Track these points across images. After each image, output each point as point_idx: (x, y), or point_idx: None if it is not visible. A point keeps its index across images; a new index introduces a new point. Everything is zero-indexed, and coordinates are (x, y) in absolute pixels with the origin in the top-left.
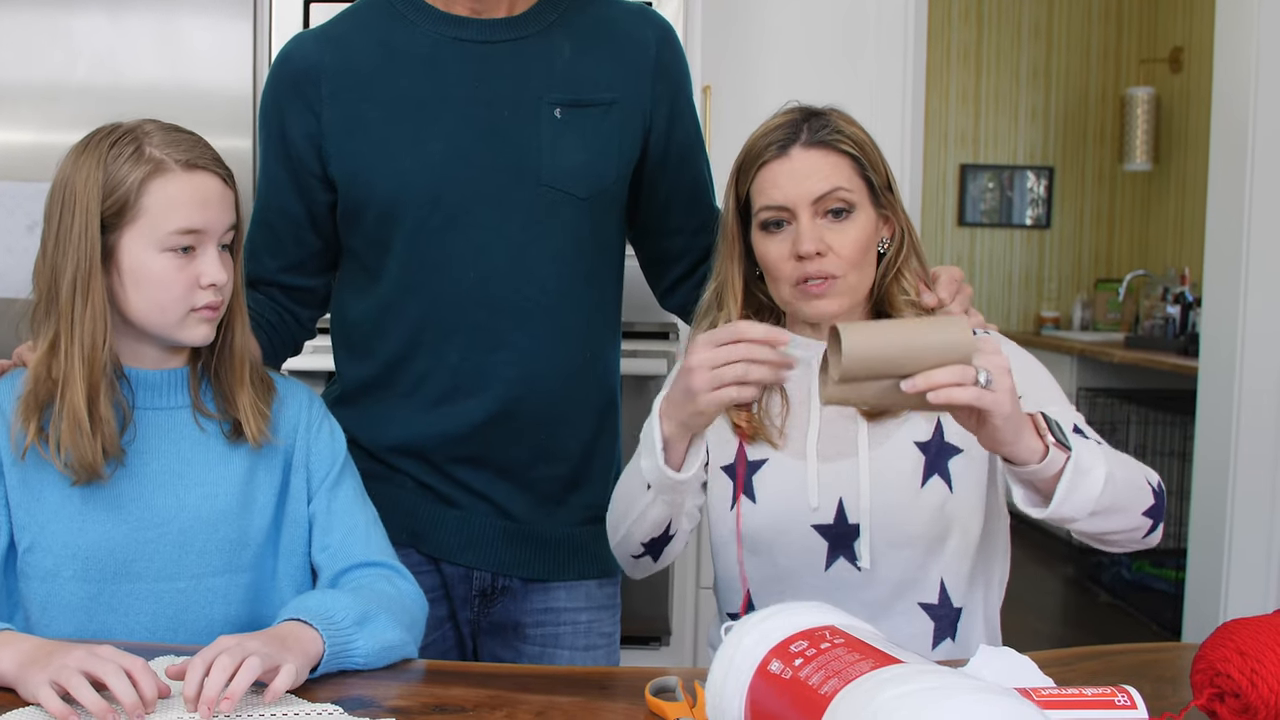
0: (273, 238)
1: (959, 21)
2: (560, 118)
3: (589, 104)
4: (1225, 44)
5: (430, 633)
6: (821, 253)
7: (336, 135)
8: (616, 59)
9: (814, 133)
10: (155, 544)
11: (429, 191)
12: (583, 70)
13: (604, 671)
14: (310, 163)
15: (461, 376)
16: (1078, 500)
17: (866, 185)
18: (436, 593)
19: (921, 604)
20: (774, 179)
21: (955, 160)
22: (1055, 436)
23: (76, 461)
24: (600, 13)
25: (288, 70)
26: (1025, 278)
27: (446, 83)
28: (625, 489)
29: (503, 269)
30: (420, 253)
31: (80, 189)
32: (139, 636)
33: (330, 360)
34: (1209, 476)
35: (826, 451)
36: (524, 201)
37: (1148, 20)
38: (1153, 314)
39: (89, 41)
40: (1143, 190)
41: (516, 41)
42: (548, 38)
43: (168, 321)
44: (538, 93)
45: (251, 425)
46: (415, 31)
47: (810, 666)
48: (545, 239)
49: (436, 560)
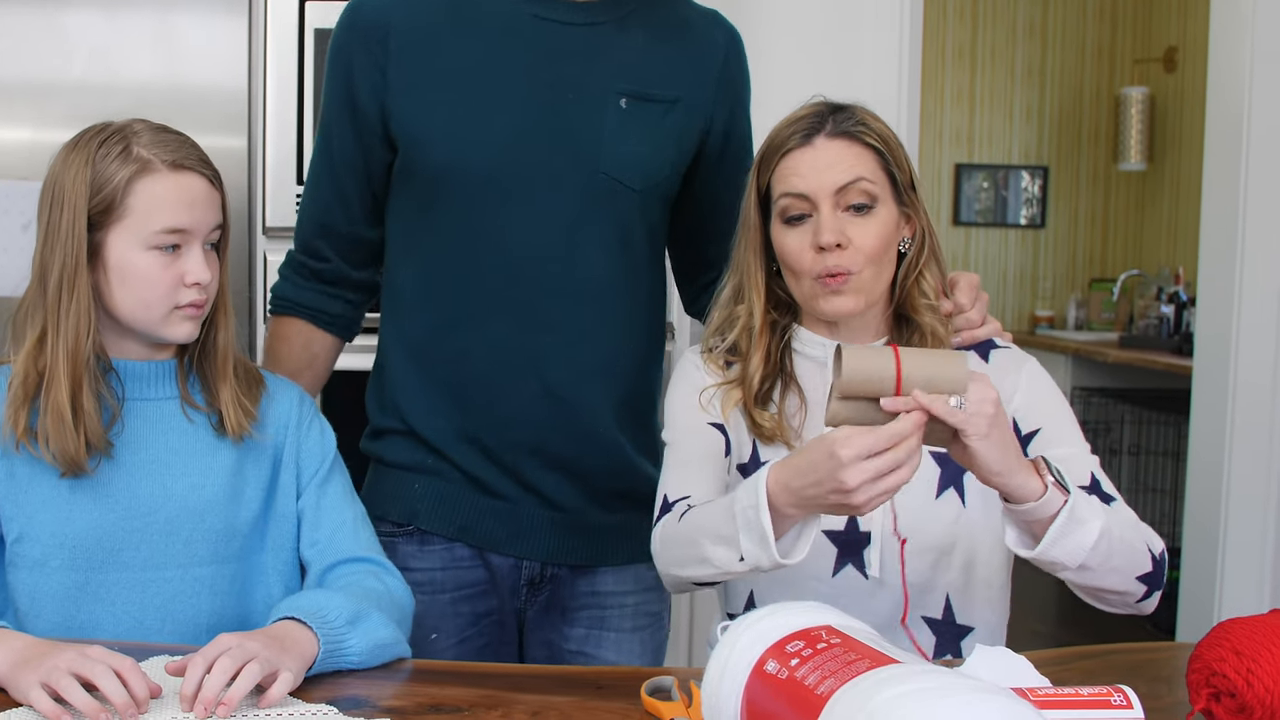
0: (338, 192)
1: (954, 20)
2: (625, 108)
3: (654, 99)
4: (1220, 44)
5: (467, 628)
6: (842, 244)
7: (399, 93)
8: (686, 58)
9: (839, 124)
10: (142, 532)
11: (486, 164)
12: (652, 65)
13: (599, 671)
14: (373, 119)
15: (505, 354)
16: (1069, 546)
17: (889, 181)
18: (481, 587)
19: (925, 618)
20: (796, 167)
21: (950, 159)
22: (1055, 479)
23: (61, 454)
24: (675, 12)
25: (356, 22)
26: (1020, 277)
27: (517, 57)
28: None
29: (553, 250)
30: (469, 223)
31: (69, 187)
32: (126, 627)
33: None
34: (1203, 476)
35: None
36: (579, 186)
37: (1142, 20)
38: (1147, 313)
39: (84, 39)
40: (1137, 190)
41: (592, 26)
42: (622, 28)
43: (152, 318)
44: (606, 81)
45: (232, 419)
46: (490, 1)
47: (806, 666)
48: (597, 225)
49: (484, 553)
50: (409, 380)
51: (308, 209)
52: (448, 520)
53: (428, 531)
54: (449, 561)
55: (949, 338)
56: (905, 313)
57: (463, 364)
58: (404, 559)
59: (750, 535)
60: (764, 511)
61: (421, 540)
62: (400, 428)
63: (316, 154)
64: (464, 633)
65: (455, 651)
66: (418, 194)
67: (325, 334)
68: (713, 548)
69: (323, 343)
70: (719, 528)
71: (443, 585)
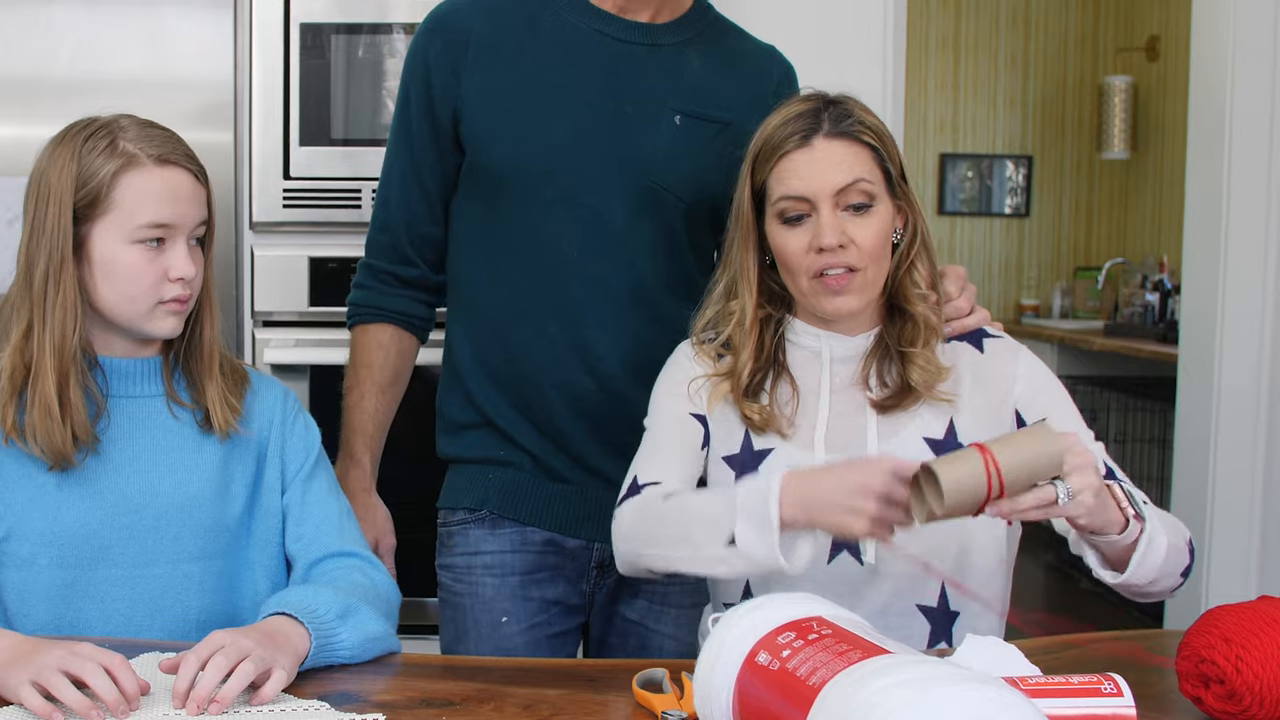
0: (423, 196)
1: (937, 9)
2: (679, 125)
3: (708, 119)
4: (1202, 32)
5: (537, 614)
6: (843, 245)
7: (471, 98)
8: (740, 84)
9: (836, 123)
10: (130, 529)
11: (544, 165)
12: (707, 87)
13: (592, 664)
14: (446, 121)
15: (559, 349)
16: (1147, 568)
17: (884, 176)
18: (551, 572)
19: (920, 605)
20: (795, 169)
21: (935, 149)
22: (1134, 509)
23: (48, 447)
24: (733, 42)
25: (441, 29)
26: (1005, 266)
27: (580, 69)
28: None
29: (605, 252)
30: (528, 222)
31: (54, 180)
32: (116, 624)
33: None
34: (1189, 463)
35: (834, 444)
36: (631, 193)
37: (1124, 8)
38: (1131, 301)
39: (69, 33)
40: (1121, 178)
41: (652, 47)
42: (681, 51)
43: (136, 313)
44: (662, 97)
45: (219, 416)
46: (562, 16)
47: (798, 658)
48: (646, 231)
49: (556, 537)
50: (477, 374)
51: (394, 213)
52: (520, 506)
53: (499, 515)
54: (519, 544)
55: (941, 327)
56: (898, 303)
57: (522, 359)
58: (475, 542)
59: (751, 522)
60: (773, 499)
61: (493, 524)
62: (478, 420)
63: (396, 157)
64: (534, 618)
65: (525, 637)
66: (483, 194)
67: (414, 339)
68: (700, 529)
69: (412, 348)
70: (715, 513)
71: (513, 568)
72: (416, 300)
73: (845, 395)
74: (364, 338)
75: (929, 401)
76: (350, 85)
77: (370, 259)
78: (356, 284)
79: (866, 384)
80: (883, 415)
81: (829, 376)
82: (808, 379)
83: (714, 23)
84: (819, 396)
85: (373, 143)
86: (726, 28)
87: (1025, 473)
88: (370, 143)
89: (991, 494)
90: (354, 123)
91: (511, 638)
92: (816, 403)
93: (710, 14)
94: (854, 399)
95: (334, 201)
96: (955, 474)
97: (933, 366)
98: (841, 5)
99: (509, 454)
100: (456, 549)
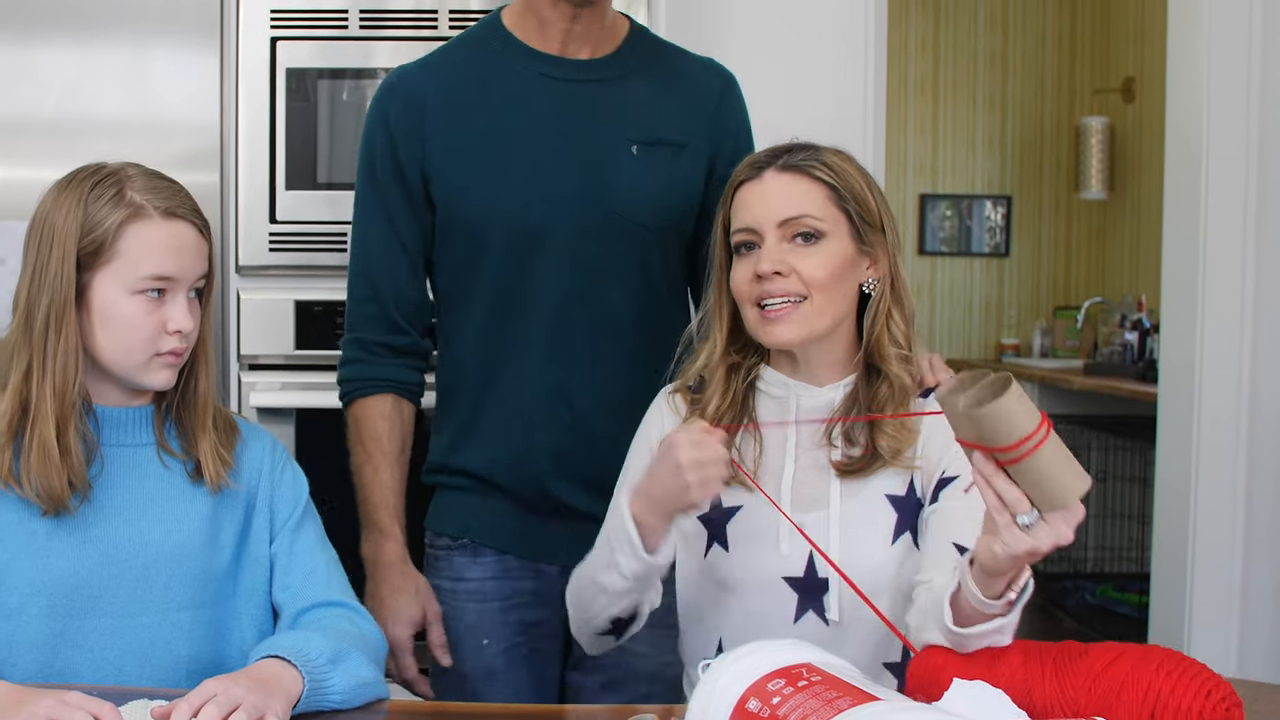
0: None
1: (916, 52)
2: (636, 155)
3: (663, 143)
4: (1177, 74)
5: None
6: (781, 272)
7: (436, 159)
8: (686, 105)
9: (791, 159)
10: (120, 578)
11: (515, 215)
12: (657, 113)
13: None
14: (416, 183)
15: (538, 389)
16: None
17: (846, 217)
18: (530, 597)
19: (886, 664)
20: (745, 200)
21: (915, 189)
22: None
23: (44, 490)
24: (672, 63)
25: (397, 97)
26: (985, 306)
27: (535, 115)
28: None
29: (577, 289)
30: (505, 269)
31: (59, 226)
32: (105, 673)
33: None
34: (1171, 501)
35: (800, 501)
36: (600, 229)
37: (1100, 50)
38: (1111, 340)
39: (57, 77)
40: (1099, 218)
41: (600, 83)
42: (626, 82)
43: (132, 363)
44: (617, 130)
45: (210, 469)
46: (508, 66)
47: (788, 704)
48: (618, 265)
49: (534, 563)
50: (462, 419)
51: (380, 282)
52: (499, 534)
53: (481, 544)
54: (500, 571)
55: (915, 389)
56: (874, 362)
57: (506, 401)
58: (459, 570)
59: (623, 548)
60: (628, 519)
61: (475, 552)
62: (456, 465)
63: (372, 226)
64: (513, 639)
65: (504, 658)
66: (460, 247)
67: (412, 406)
68: (602, 575)
69: (411, 415)
70: (602, 557)
71: (494, 594)
72: (410, 367)
73: (811, 453)
74: (366, 411)
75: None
76: (335, 130)
77: (358, 334)
78: (347, 360)
79: (831, 443)
80: (844, 479)
81: (795, 431)
82: (774, 435)
83: (651, 46)
84: (784, 452)
85: None
86: (663, 48)
87: (1040, 477)
88: None
89: (1007, 451)
90: (339, 167)
91: (493, 658)
92: (782, 458)
93: (647, 37)
94: (818, 458)
95: (320, 245)
96: (1015, 408)
97: (902, 432)
98: (823, 48)
99: (487, 489)
100: (442, 572)
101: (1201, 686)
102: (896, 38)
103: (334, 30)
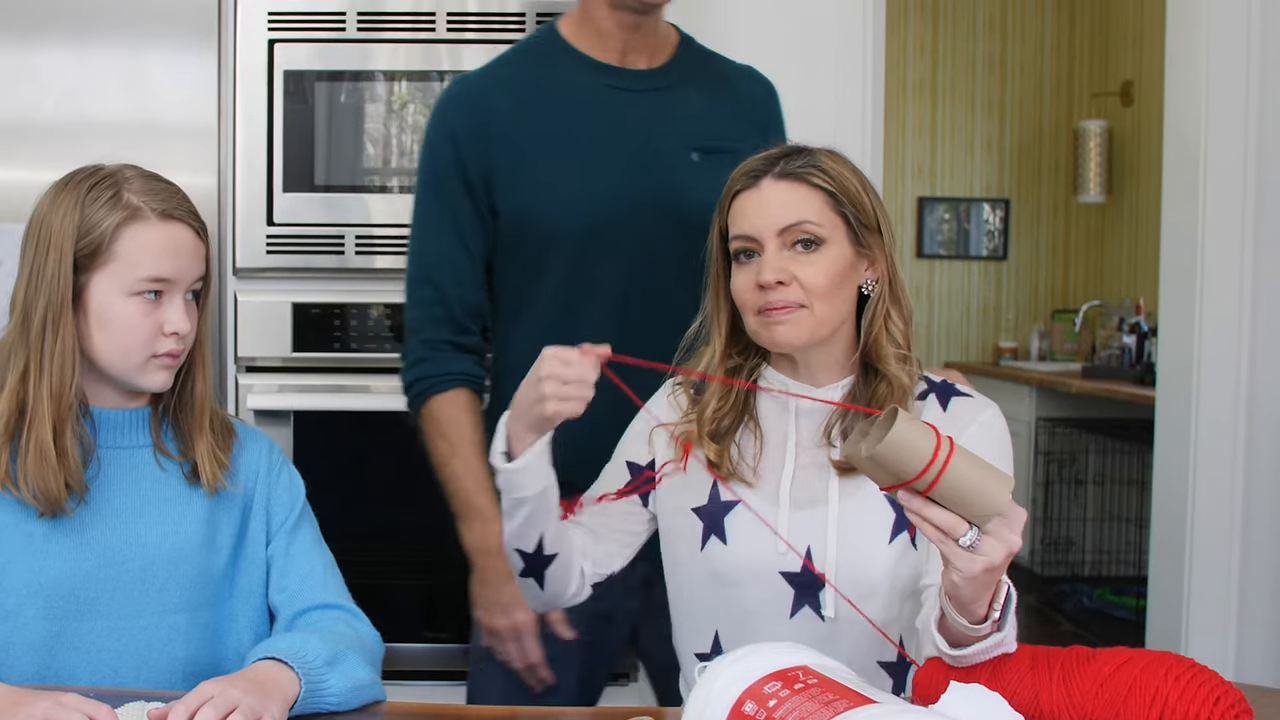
0: (470, 263)
1: (914, 55)
2: (697, 161)
3: (720, 150)
4: (1175, 77)
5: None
6: (784, 282)
7: (505, 166)
8: (735, 112)
9: (788, 166)
10: (117, 580)
11: (586, 221)
12: (711, 120)
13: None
14: (481, 191)
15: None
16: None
17: (844, 221)
18: None
19: (881, 662)
20: (743, 209)
21: (913, 193)
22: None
23: (41, 492)
24: (718, 70)
25: (462, 105)
26: (983, 309)
27: (600, 124)
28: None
29: (645, 293)
30: (573, 276)
31: (56, 227)
32: (102, 675)
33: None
34: (1168, 504)
35: (799, 498)
36: (664, 234)
37: (1098, 54)
38: (1109, 344)
39: (55, 80)
40: (1097, 222)
41: (658, 91)
42: (682, 90)
43: (129, 365)
44: (676, 138)
45: (207, 471)
46: (572, 76)
47: (785, 707)
48: (679, 269)
49: None
50: None
51: (447, 285)
52: None
53: None
54: None
55: (914, 388)
56: (872, 362)
57: None
58: None
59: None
60: (499, 436)
61: None
62: None
63: (438, 230)
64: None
65: (561, 644)
66: (527, 253)
67: (480, 400)
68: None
69: (480, 409)
70: None
71: None
72: (476, 364)
73: (811, 452)
74: (444, 406)
75: None
76: (332, 132)
77: (425, 335)
78: (416, 361)
79: (830, 441)
80: (844, 477)
81: (795, 430)
82: (775, 431)
83: (698, 54)
84: (785, 450)
85: (355, 189)
86: (709, 56)
87: (962, 492)
88: (352, 189)
89: (920, 478)
90: (336, 169)
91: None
92: (782, 455)
93: (694, 46)
94: (818, 456)
95: (317, 247)
96: (909, 434)
97: None
98: (821, 51)
99: None
100: None
101: (1210, 693)
102: (895, 42)
103: (331, 32)
